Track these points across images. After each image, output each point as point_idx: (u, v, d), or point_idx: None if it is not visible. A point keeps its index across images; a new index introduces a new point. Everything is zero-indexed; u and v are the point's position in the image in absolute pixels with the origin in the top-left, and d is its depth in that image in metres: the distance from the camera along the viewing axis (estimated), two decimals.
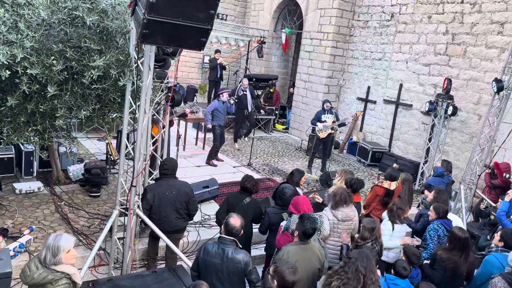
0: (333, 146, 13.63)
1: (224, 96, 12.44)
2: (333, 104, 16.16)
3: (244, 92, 14.17)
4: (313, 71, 16.72)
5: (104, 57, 6.28)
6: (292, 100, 18.34)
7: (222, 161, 12.48)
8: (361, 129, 16.15)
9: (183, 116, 13.26)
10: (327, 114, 12.30)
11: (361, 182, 8.14)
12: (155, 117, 8.43)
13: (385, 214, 7.72)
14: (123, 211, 6.82)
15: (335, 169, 12.34)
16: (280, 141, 16.43)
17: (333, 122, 12.13)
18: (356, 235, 6.63)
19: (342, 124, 12.41)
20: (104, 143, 12.45)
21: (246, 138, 15.02)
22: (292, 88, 18.78)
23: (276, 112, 18.51)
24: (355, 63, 16.20)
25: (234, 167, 12.10)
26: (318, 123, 12.18)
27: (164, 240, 6.83)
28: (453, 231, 6.38)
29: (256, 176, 11.56)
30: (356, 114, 12.95)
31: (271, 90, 17.80)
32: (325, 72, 16.30)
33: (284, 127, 18.66)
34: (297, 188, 7.56)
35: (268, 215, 6.90)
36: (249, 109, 14.26)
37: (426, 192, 8.84)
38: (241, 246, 5.59)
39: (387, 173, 8.80)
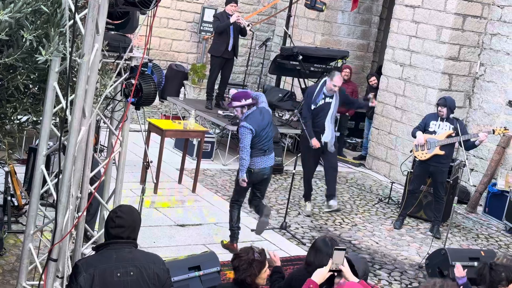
0: (456, 195, 10.40)
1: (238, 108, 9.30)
2: (460, 111, 13.35)
3: (328, 100, 10.67)
4: (420, 45, 13.93)
5: (12, 5, 5.14)
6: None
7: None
8: None
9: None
10: (441, 121, 10.49)
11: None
12: (102, 123, 7.88)
13: None
14: None
15: (459, 245, 10.73)
16: (348, 182, 13.62)
17: (450, 136, 10.34)
18: None
19: (468, 142, 10.41)
20: (2, 171, 10.47)
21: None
22: (374, 78, 15.26)
23: (344, 125, 15.40)
24: (506, 32, 13.23)
25: (252, 230, 10.06)
26: (419, 134, 10.43)
27: None
28: None
29: (297, 250, 9.59)
30: (497, 130, 10.64)
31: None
32: (444, 48, 13.56)
33: (357, 155, 15.31)
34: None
35: None
36: (331, 136, 10.77)
37: None
38: None
39: None
